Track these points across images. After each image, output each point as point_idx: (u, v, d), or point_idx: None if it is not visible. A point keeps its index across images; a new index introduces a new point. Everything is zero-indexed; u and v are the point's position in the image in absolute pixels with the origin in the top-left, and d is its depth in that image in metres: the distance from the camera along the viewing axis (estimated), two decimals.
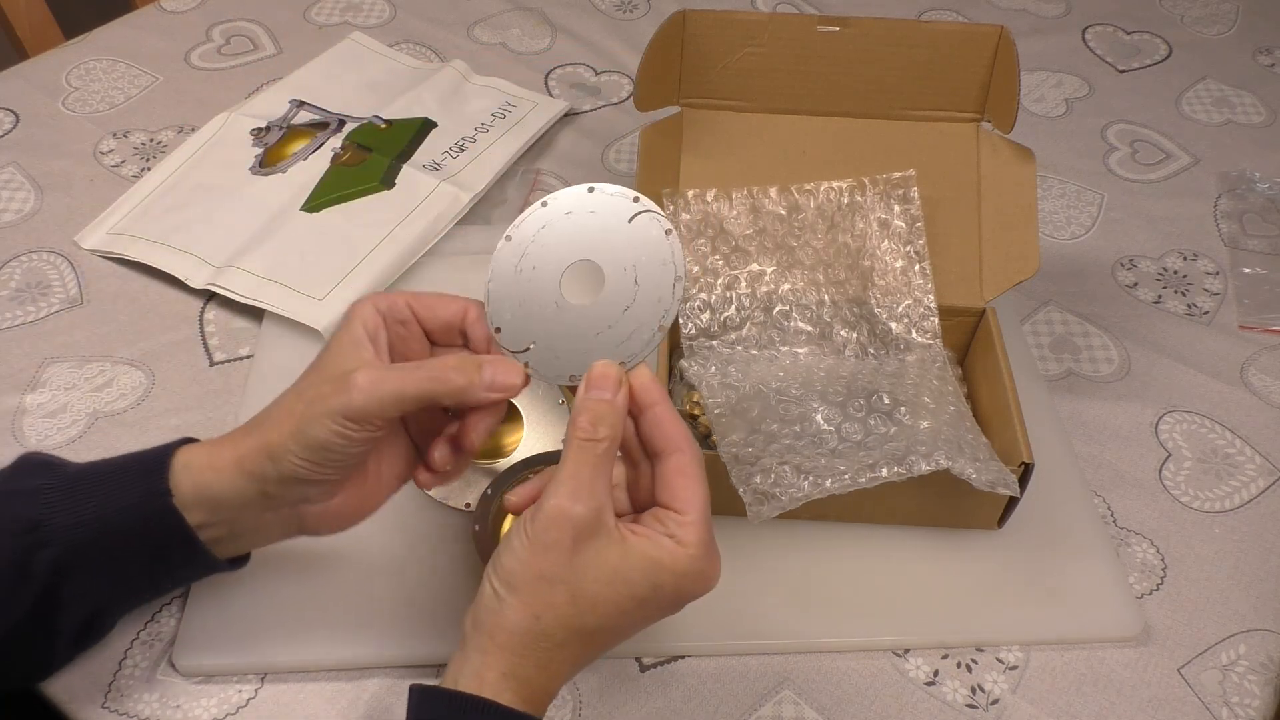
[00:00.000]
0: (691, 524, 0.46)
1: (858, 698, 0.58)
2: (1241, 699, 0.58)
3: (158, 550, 0.50)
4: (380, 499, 0.53)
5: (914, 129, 0.72)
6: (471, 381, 0.48)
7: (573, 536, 0.45)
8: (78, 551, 0.49)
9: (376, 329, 0.50)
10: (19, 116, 0.90)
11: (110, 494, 0.49)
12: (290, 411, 0.48)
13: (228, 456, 0.49)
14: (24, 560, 0.48)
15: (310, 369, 0.50)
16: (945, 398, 0.65)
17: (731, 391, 0.65)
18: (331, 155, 0.86)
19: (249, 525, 0.51)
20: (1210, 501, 0.68)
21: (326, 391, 0.47)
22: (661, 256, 0.51)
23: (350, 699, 0.56)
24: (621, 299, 0.51)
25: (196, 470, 0.49)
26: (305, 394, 0.48)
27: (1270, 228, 0.87)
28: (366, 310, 0.51)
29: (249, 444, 0.49)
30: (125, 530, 0.49)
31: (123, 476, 0.49)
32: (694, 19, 0.69)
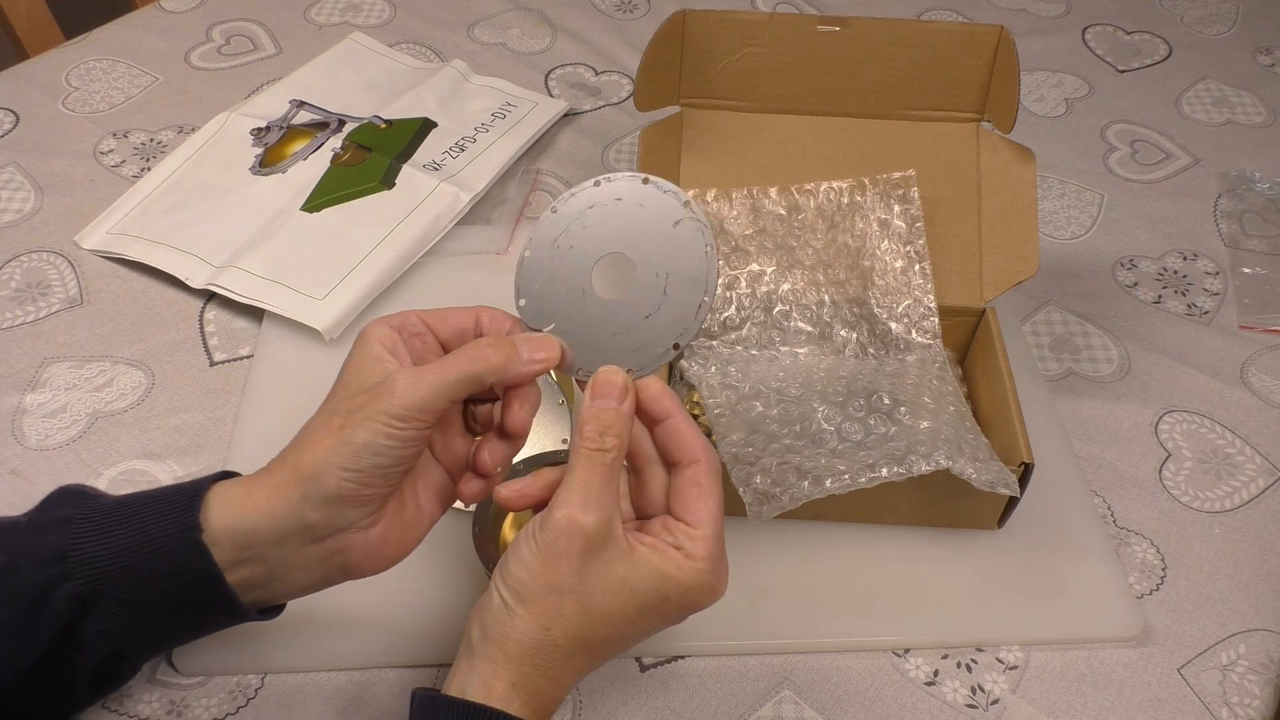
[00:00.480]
0: (702, 538, 0.46)
1: (858, 698, 0.58)
2: (1241, 699, 0.58)
3: (183, 589, 0.47)
4: (422, 530, 0.51)
5: (914, 129, 0.72)
6: (510, 356, 0.48)
7: (583, 547, 0.45)
8: (100, 586, 0.46)
9: (395, 344, 0.49)
10: (19, 116, 0.90)
11: (139, 527, 0.47)
12: (326, 429, 0.47)
13: (264, 488, 0.47)
14: (45, 593, 0.46)
15: (332, 394, 0.49)
16: (945, 398, 0.65)
17: (731, 391, 0.65)
18: (331, 155, 0.86)
19: (287, 566, 0.48)
20: (1210, 501, 0.68)
21: (366, 400, 0.46)
22: (695, 273, 0.50)
23: (350, 699, 0.56)
24: (646, 305, 0.50)
25: (231, 504, 0.47)
26: (339, 409, 0.47)
27: (1270, 228, 0.87)
28: (381, 330, 0.49)
29: (285, 471, 0.47)
30: (150, 566, 0.46)
31: (154, 510, 0.47)
32: (694, 19, 0.69)
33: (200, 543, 0.46)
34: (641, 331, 0.50)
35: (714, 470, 0.48)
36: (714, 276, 0.50)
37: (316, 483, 0.46)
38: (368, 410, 0.46)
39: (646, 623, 0.47)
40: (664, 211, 0.50)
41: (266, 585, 0.48)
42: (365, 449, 0.46)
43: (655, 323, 0.50)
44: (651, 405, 0.49)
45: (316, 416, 0.48)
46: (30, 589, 0.46)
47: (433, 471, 0.51)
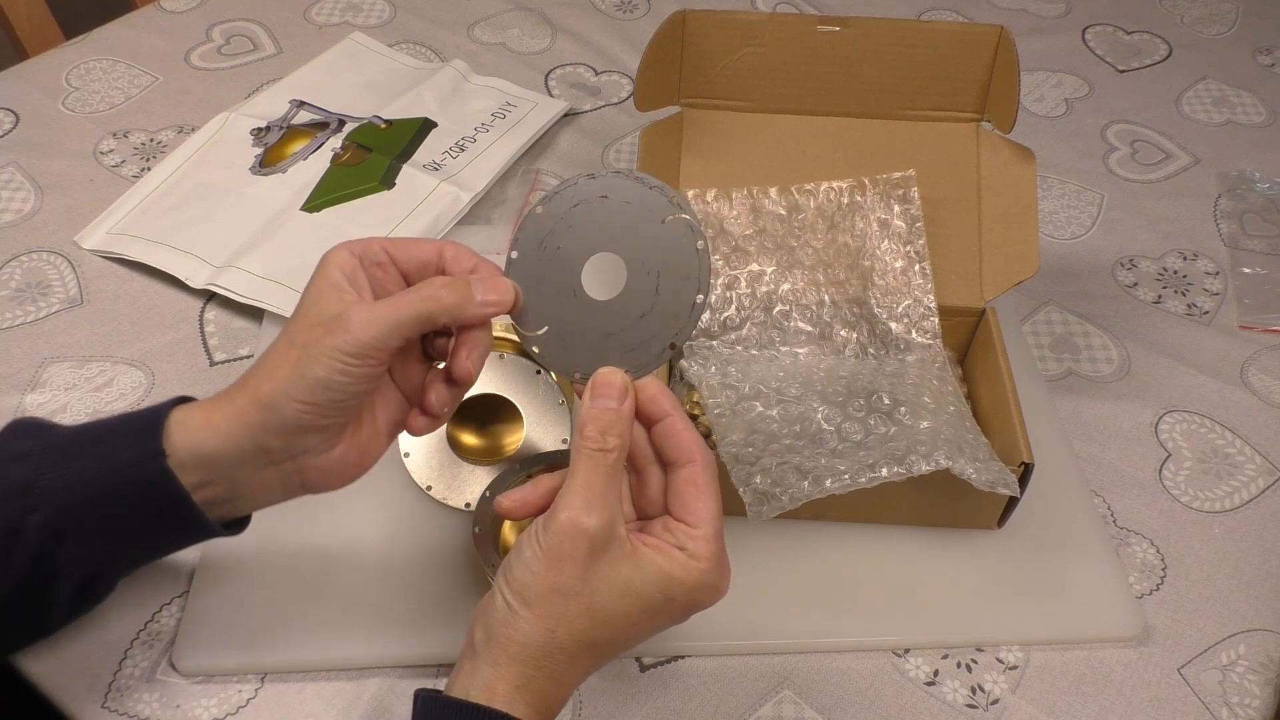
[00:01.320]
0: (703, 538, 0.46)
1: (858, 698, 0.58)
2: (1241, 699, 0.58)
3: (152, 514, 0.49)
4: (378, 450, 0.52)
5: (914, 129, 0.72)
6: (464, 296, 0.48)
7: (587, 549, 0.45)
8: (70, 515, 0.48)
9: (354, 272, 0.49)
10: (19, 116, 0.90)
11: (102, 456, 0.48)
12: (284, 359, 0.47)
13: (224, 412, 0.48)
14: (17, 525, 0.47)
15: (292, 320, 0.49)
16: (945, 398, 0.65)
17: (731, 391, 0.65)
18: (331, 155, 0.86)
19: (248, 485, 0.49)
20: (1210, 501, 0.68)
21: (320, 334, 0.47)
22: (687, 271, 0.49)
23: (350, 699, 0.56)
24: (639, 304, 0.50)
25: (192, 429, 0.48)
26: (297, 340, 0.47)
27: (1270, 228, 0.87)
28: (341, 255, 0.49)
29: (244, 398, 0.48)
30: (118, 493, 0.48)
31: (116, 438, 0.48)
32: (694, 19, 0.69)
33: (166, 468, 0.47)
34: (636, 331, 0.49)
35: (710, 469, 0.48)
36: (706, 274, 0.49)
37: (274, 411, 0.47)
38: (323, 345, 0.46)
39: (650, 623, 0.47)
40: (651, 208, 0.49)
41: (231, 501, 0.50)
42: (319, 384, 0.46)
43: (650, 322, 0.49)
44: (649, 405, 0.49)
45: (277, 343, 0.49)
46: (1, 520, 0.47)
47: (391, 396, 0.52)
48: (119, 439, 0.48)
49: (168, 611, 0.59)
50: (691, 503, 0.47)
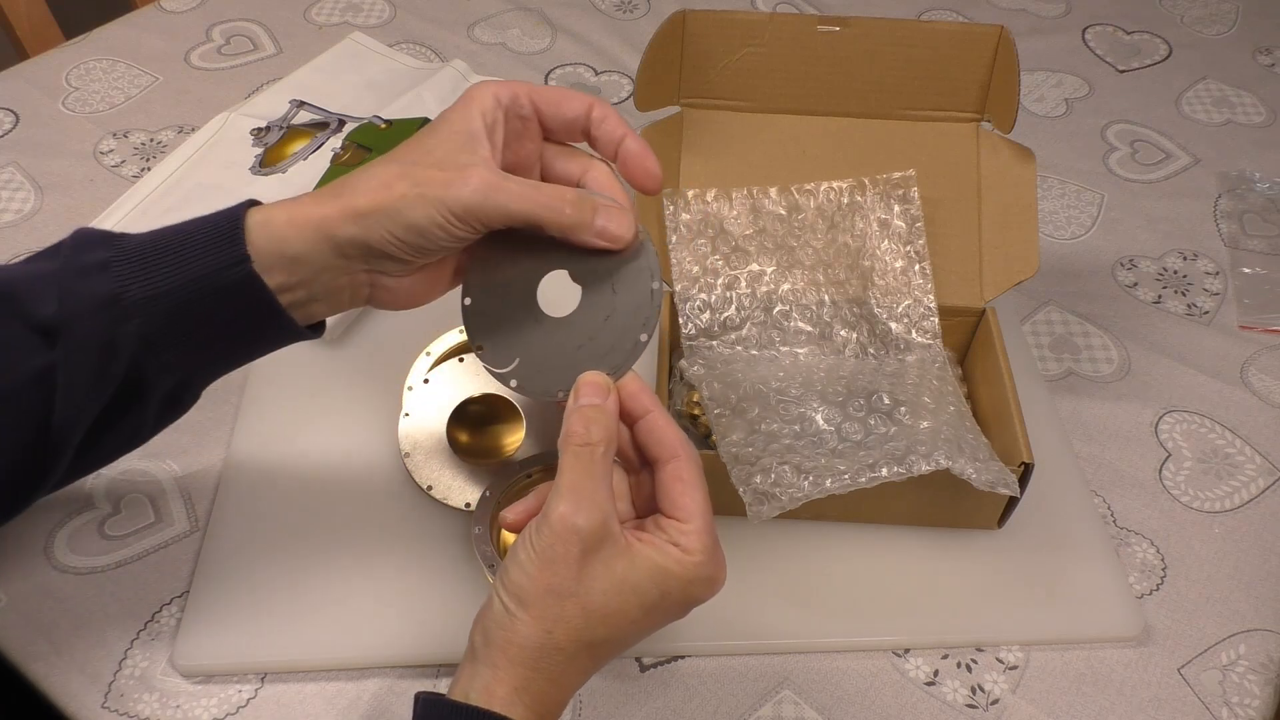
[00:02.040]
0: (695, 531, 0.46)
1: (858, 698, 0.58)
2: (1241, 699, 0.58)
3: (240, 318, 0.48)
4: (443, 289, 0.53)
5: (914, 129, 0.72)
6: (585, 220, 0.48)
7: (580, 549, 0.44)
8: (160, 324, 0.47)
9: (495, 123, 0.49)
10: (19, 116, 0.90)
11: (186, 262, 0.47)
12: (389, 185, 0.47)
13: (311, 215, 0.47)
14: (110, 336, 0.46)
15: (413, 146, 0.48)
16: (945, 398, 0.65)
17: (731, 391, 0.65)
18: (331, 155, 0.86)
19: (325, 287, 0.49)
20: (1210, 501, 0.68)
21: (438, 178, 0.46)
22: (636, 267, 0.50)
23: (350, 699, 0.56)
24: (600, 309, 0.50)
25: (276, 228, 0.47)
26: (410, 173, 0.47)
27: (1270, 228, 0.87)
28: (488, 100, 0.49)
29: (336, 206, 0.47)
30: (206, 300, 0.47)
31: (197, 244, 0.47)
32: (694, 19, 0.69)
33: (252, 272, 0.47)
34: (605, 335, 0.50)
35: (695, 463, 0.48)
36: (654, 259, 0.49)
37: (364, 231, 0.47)
38: (434, 193, 0.46)
39: (648, 620, 0.47)
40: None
41: (309, 304, 0.50)
42: (416, 229, 0.47)
43: (615, 323, 0.50)
44: (629, 402, 0.49)
45: (384, 163, 0.48)
46: (96, 334, 0.46)
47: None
48: (201, 245, 0.47)
49: (168, 611, 0.59)
50: (679, 498, 0.47)
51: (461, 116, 0.49)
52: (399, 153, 0.49)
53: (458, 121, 0.48)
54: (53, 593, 0.59)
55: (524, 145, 0.51)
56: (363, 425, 0.67)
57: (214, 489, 0.64)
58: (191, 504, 0.64)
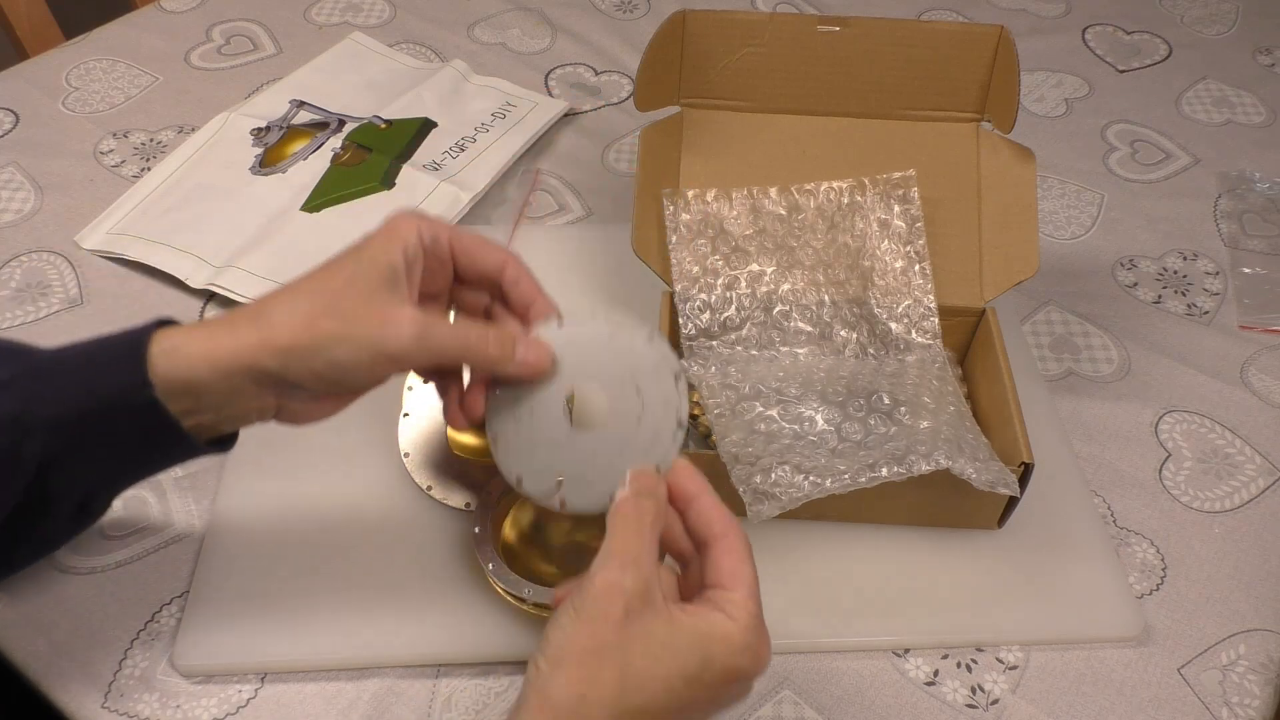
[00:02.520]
0: (739, 600, 0.46)
1: (858, 698, 0.58)
2: (1241, 699, 0.58)
3: (143, 438, 0.49)
4: (349, 404, 0.52)
5: (914, 129, 0.72)
6: (506, 355, 0.50)
7: (623, 608, 0.43)
8: (62, 442, 0.47)
9: (415, 260, 0.50)
10: (19, 116, 0.90)
11: (88, 384, 0.47)
12: (313, 321, 0.47)
13: (225, 347, 0.47)
14: (10, 454, 0.46)
15: (333, 274, 0.48)
16: (945, 398, 0.65)
17: (731, 391, 0.65)
18: (331, 155, 0.86)
19: (231, 413, 0.49)
20: (1210, 501, 0.68)
21: (365, 318, 0.47)
22: (653, 361, 0.51)
23: (350, 699, 0.56)
24: (630, 412, 0.51)
25: (187, 359, 0.47)
26: (335, 309, 0.47)
27: (1270, 228, 0.87)
28: (410, 236, 0.49)
29: (254, 338, 0.47)
30: (108, 422, 0.47)
31: (100, 366, 0.47)
32: (694, 19, 0.69)
33: (154, 399, 0.46)
34: (642, 435, 0.50)
35: (744, 539, 0.48)
36: (669, 353, 0.51)
37: (282, 367, 0.47)
38: (362, 332, 0.47)
39: (689, 692, 0.44)
40: (593, 338, 0.52)
41: (213, 426, 0.50)
42: (338, 367, 0.47)
43: (649, 421, 0.51)
44: (679, 488, 0.49)
45: (311, 293, 0.48)
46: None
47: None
48: (104, 367, 0.47)
49: (168, 611, 0.59)
50: (727, 568, 0.46)
51: (384, 250, 0.49)
52: (318, 280, 0.48)
53: (380, 255, 0.49)
54: (53, 593, 0.59)
55: (436, 284, 0.53)
56: (362, 425, 0.67)
57: (214, 489, 0.64)
58: (191, 504, 0.64)
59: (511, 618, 0.58)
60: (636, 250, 0.69)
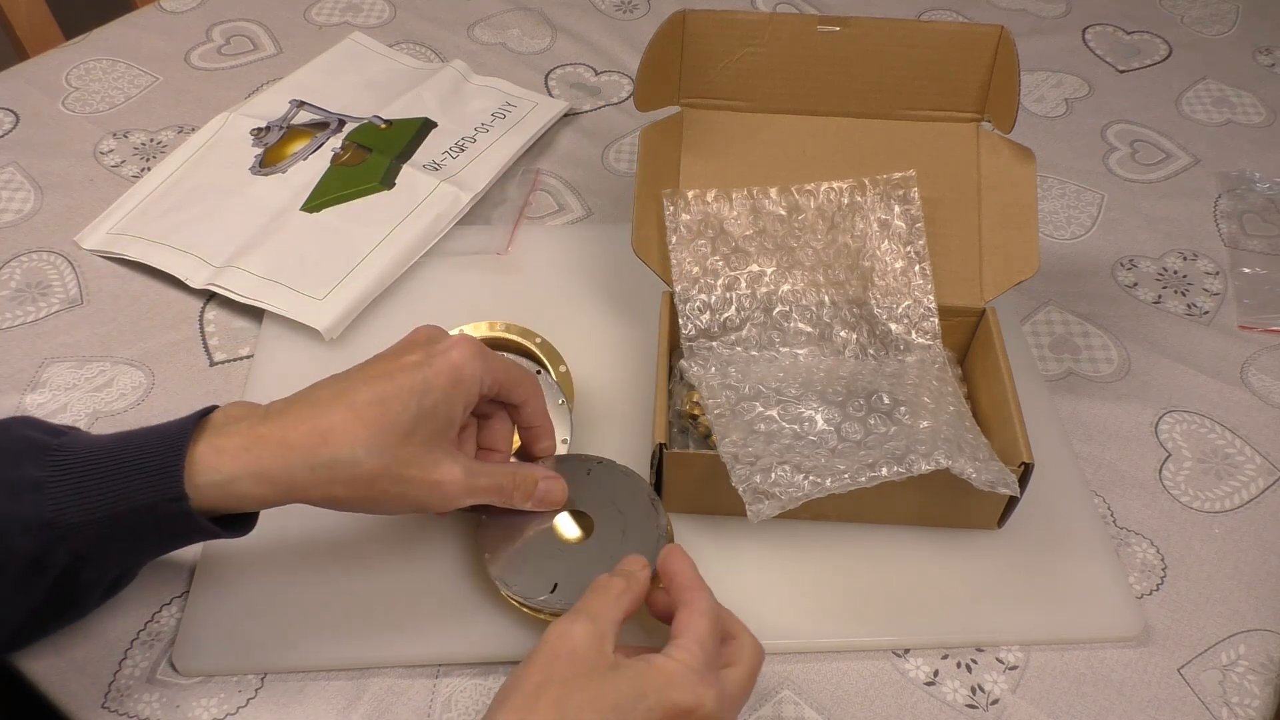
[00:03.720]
0: (684, 644, 0.48)
1: (858, 698, 0.58)
2: (1241, 699, 0.58)
3: (174, 537, 0.51)
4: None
5: (914, 129, 0.72)
6: (527, 498, 0.57)
7: (569, 651, 0.46)
8: (93, 544, 0.48)
9: (470, 406, 0.54)
10: (19, 116, 0.90)
11: (122, 494, 0.47)
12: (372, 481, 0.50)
13: (281, 490, 0.49)
14: (40, 555, 0.47)
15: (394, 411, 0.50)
16: (945, 398, 0.65)
17: (731, 392, 0.65)
18: (331, 155, 0.86)
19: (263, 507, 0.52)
20: (1210, 501, 0.68)
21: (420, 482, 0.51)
22: (630, 489, 0.60)
23: (350, 699, 0.56)
24: (615, 526, 0.58)
25: (240, 498, 0.49)
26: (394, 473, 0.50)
27: (1270, 228, 0.87)
28: (474, 390, 0.53)
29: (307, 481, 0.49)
30: (140, 528, 0.48)
31: (135, 475, 0.47)
32: (694, 19, 0.69)
33: (189, 510, 0.47)
34: (628, 542, 0.57)
35: (706, 598, 0.51)
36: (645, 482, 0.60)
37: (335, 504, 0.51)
38: (413, 494, 0.51)
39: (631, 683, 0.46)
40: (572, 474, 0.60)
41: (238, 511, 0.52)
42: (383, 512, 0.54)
43: (633, 534, 0.57)
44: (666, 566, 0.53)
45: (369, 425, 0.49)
46: (25, 553, 0.47)
47: None
48: (138, 477, 0.47)
49: (168, 611, 0.59)
50: (682, 621, 0.50)
51: (447, 402, 0.52)
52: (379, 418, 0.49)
53: (443, 408, 0.52)
54: None
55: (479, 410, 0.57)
56: None
57: None
58: None
59: (511, 618, 0.58)
60: (636, 250, 0.69)
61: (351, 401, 0.50)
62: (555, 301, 0.77)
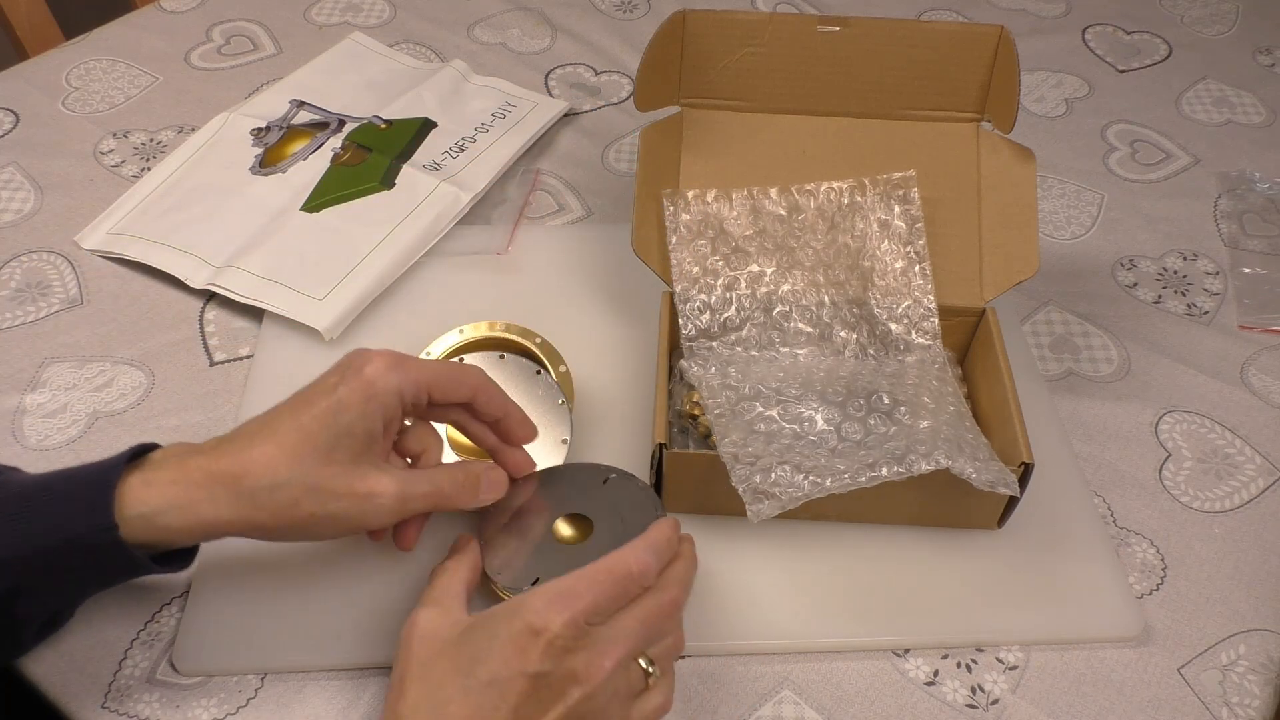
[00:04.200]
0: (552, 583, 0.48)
1: (858, 698, 0.58)
2: (1241, 699, 0.58)
3: (106, 570, 0.51)
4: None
5: (914, 129, 0.72)
6: (472, 496, 0.56)
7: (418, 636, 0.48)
8: (26, 577, 0.48)
9: (393, 420, 0.53)
10: (19, 116, 0.90)
11: (53, 523, 0.48)
12: (296, 503, 0.50)
13: (205, 520, 0.49)
14: None
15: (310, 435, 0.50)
16: (945, 398, 0.65)
17: (731, 392, 0.65)
18: (331, 155, 0.86)
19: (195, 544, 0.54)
20: (1210, 501, 0.68)
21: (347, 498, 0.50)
22: (639, 502, 0.59)
23: (350, 699, 0.56)
24: (613, 532, 0.57)
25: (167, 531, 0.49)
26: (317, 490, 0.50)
27: (1270, 228, 0.87)
28: (391, 401, 0.52)
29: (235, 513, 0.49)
30: (72, 558, 0.48)
31: (65, 505, 0.48)
32: (694, 19, 0.69)
33: (119, 540, 0.48)
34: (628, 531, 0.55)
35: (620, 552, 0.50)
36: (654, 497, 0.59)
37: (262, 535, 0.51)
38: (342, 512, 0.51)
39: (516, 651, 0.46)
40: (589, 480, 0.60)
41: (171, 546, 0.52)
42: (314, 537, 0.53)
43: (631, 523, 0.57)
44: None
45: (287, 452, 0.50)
46: None
47: None
48: (69, 507, 0.48)
49: (168, 611, 0.59)
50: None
51: (362, 416, 0.51)
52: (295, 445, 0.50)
53: (358, 423, 0.51)
54: None
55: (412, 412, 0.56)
56: None
57: None
58: None
59: None
60: (636, 250, 0.69)
61: (273, 431, 0.50)
62: (555, 301, 0.77)
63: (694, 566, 0.53)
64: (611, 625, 0.47)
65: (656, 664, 0.49)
